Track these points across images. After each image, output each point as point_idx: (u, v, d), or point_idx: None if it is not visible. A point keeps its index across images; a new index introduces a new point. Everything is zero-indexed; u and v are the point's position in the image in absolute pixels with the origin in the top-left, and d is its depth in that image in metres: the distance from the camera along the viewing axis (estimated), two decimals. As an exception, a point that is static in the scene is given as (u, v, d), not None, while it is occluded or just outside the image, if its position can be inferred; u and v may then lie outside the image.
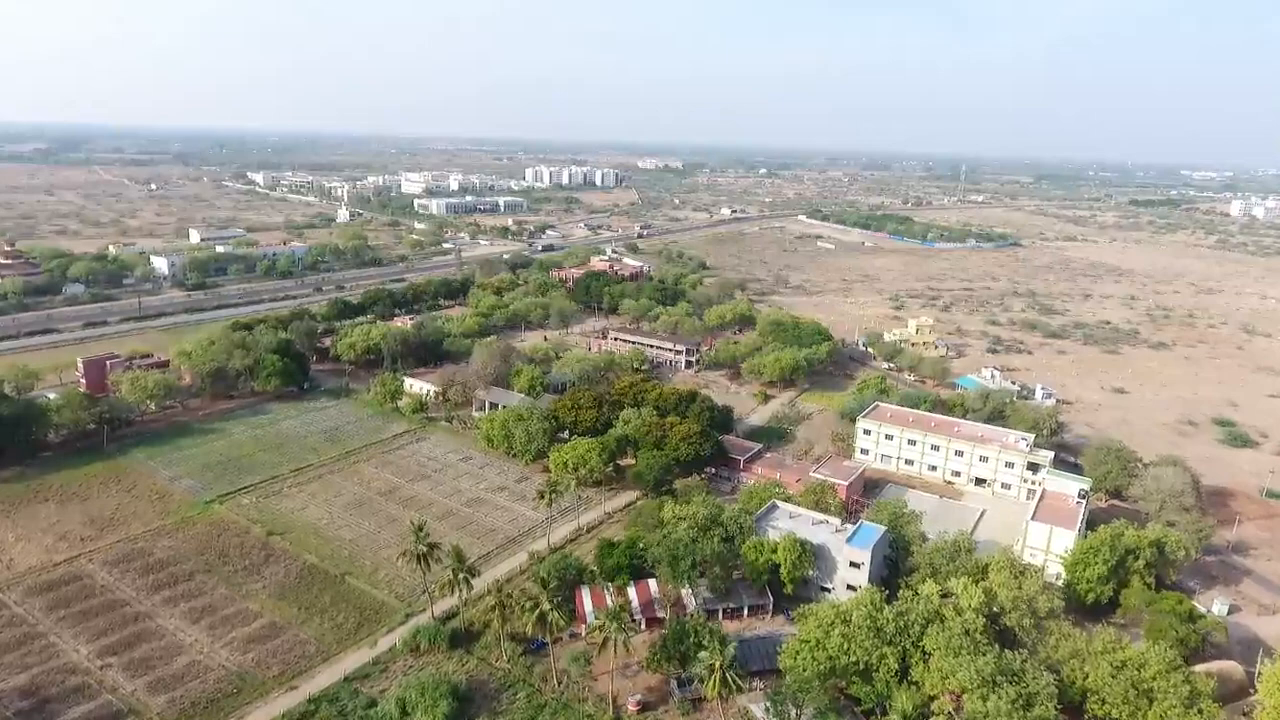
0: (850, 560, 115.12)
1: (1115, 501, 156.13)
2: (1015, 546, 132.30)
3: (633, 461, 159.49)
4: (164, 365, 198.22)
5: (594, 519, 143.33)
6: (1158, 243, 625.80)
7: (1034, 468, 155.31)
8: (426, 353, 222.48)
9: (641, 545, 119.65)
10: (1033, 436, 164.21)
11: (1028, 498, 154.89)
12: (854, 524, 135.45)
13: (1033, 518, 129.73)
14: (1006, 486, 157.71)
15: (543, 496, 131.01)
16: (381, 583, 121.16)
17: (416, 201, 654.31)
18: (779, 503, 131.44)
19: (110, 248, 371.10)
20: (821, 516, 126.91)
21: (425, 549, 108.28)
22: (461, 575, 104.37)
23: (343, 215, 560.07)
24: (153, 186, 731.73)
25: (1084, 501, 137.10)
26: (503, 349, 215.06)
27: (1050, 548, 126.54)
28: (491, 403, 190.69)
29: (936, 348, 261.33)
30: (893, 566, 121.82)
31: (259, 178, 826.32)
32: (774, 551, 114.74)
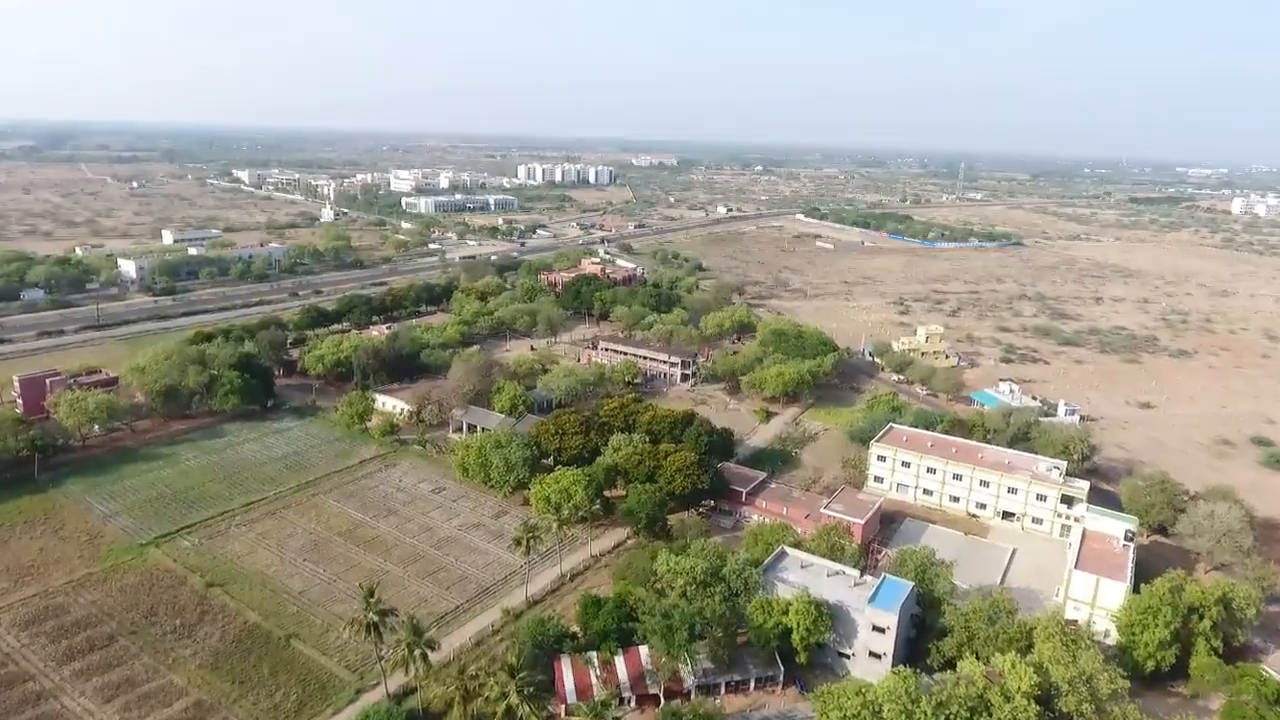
0: (874, 624, 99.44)
1: (1158, 538, 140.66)
2: (1055, 597, 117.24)
3: (623, 493, 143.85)
4: (112, 383, 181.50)
5: (578, 563, 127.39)
6: (1162, 242, 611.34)
7: (1068, 500, 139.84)
8: (402, 366, 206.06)
9: (631, 603, 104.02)
10: (1064, 464, 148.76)
11: (1061, 534, 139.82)
12: (872, 567, 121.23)
13: (1076, 566, 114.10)
14: (1038, 521, 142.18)
15: (520, 543, 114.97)
16: (331, 647, 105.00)
17: (405, 200, 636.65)
18: (788, 549, 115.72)
19: (77, 249, 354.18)
20: (837, 566, 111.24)
21: (376, 618, 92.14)
22: (418, 651, 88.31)
23: (327, 214, 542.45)
24: (134, 185, 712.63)
25: (1130, 545, 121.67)
26: (483, 363, 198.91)
27: (1097, 601, 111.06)
28: (470, 424, 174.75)
29: (947, 357, 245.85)
30: (920, 625, 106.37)
31: (244, 175, 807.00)
32: (785, 613, 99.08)
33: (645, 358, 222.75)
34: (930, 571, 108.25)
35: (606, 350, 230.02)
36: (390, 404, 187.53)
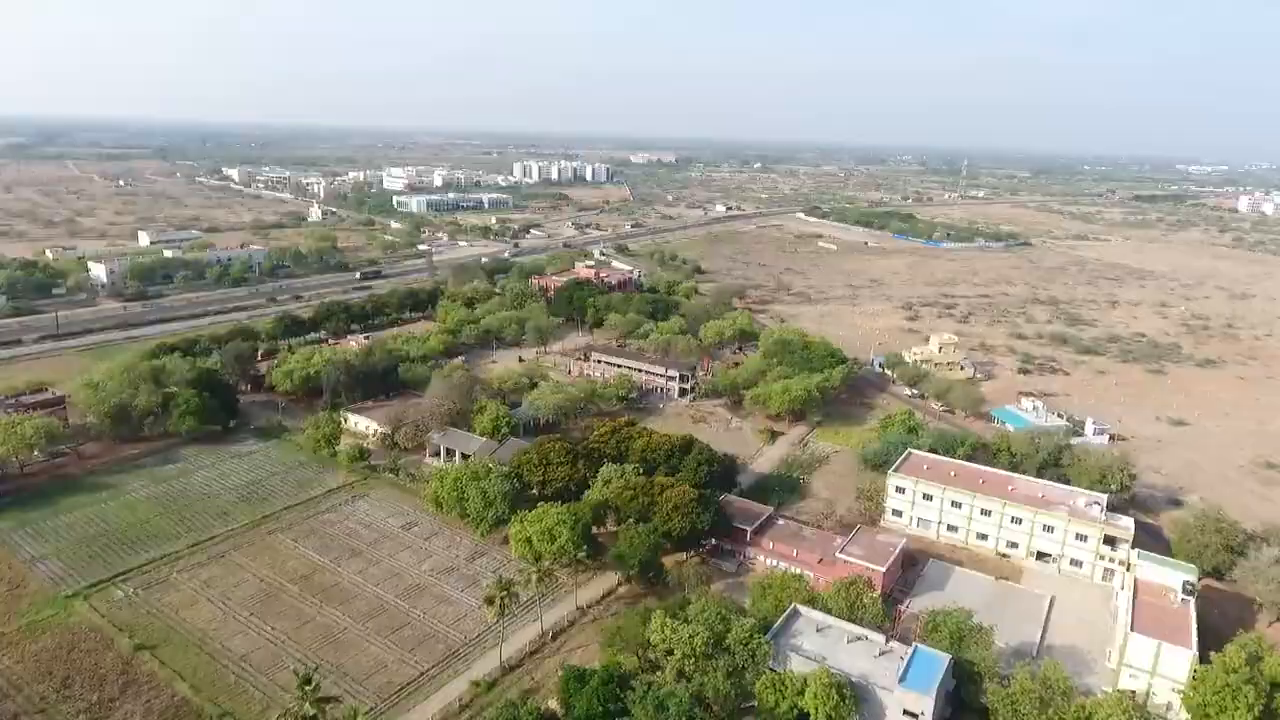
0: (905, 708, 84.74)
1: (1210, 581, 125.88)
2: (1107, 662, 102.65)
3: (613, 530, 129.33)
4: (58, 403, 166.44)
5: (562, 617, 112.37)
6: (1171, 241, 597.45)
7: (1111, 541, 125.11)
8: (377, 382, 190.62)
9: (621, 675, 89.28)
10: (1105, 498, 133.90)
11: (1103, 578, 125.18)
12: (896, 621, 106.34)
13: (1132, 627, 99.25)
14: (1077, 564, 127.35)
15: (492, 603, 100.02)
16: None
17: (396, 199, 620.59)
18: (802, 609, 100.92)
19: (46, 251, 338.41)
20: (859, 630, 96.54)
21: (313, 710, 77.35)
22: (361, 754, 73.60)
23: (315, 214, 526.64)
24: (121, 183, 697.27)
25: (1191, 599, 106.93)
26: (464, 379, 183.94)
27: (1158, 669, 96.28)
28: (447, 448, 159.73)
29: (962, 369, 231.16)
30: (955, 701, 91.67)
31: (234, 173, 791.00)
32: (800, 693, 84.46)
33: (641, 370, 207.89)
34: (968, 638, 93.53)
35: (600, 362, 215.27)
36: (363, 424, 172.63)
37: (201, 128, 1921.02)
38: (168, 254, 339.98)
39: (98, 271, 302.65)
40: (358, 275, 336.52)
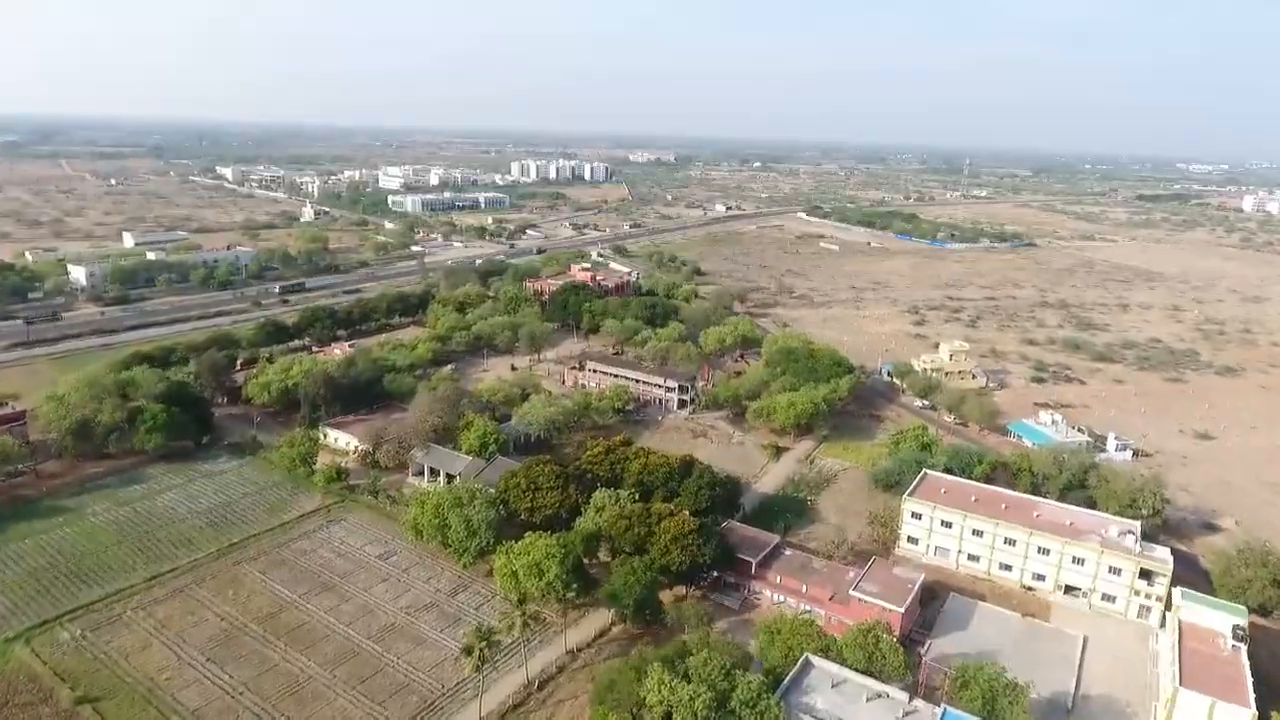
0: (934, 784, 75.05)
1: (1255, 618, 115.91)
2: (1152, 718, 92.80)
3: (606, 560, 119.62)
4: (18, 418, 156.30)
5: (550, 663, 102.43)
6: (1178, 242, 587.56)
7: (1147, 575, 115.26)
8: (360, 393, 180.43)
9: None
10: (1138, 525, 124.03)
11: (1139, 615, 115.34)
12: (915, 667, 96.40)
13: (1181, 681, 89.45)
14: (1109, 599, 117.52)
15: (470, 654, 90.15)
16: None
17: (391, 198, 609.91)
18: (814, 660, 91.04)
19: (26, 254, 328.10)
20: (879, 686, 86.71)
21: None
22: None
23: (307, 214, 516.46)
24: (112, 182, 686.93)
25: (1243, 645, 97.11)
26: (451, 392, 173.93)
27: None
28: (431, 467, 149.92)
29: (974, 378, 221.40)
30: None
31: (228, 172, 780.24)
32: (815, 765, 74.67)
33: (638, 381, 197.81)
34: (1001, 698, 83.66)
35: (595, 371, 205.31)
36: (342, 440, 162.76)
37: (200, 126, 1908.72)
38: (151, 256, 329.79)
39: (77, 274, 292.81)
40: (276, 289, 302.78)
